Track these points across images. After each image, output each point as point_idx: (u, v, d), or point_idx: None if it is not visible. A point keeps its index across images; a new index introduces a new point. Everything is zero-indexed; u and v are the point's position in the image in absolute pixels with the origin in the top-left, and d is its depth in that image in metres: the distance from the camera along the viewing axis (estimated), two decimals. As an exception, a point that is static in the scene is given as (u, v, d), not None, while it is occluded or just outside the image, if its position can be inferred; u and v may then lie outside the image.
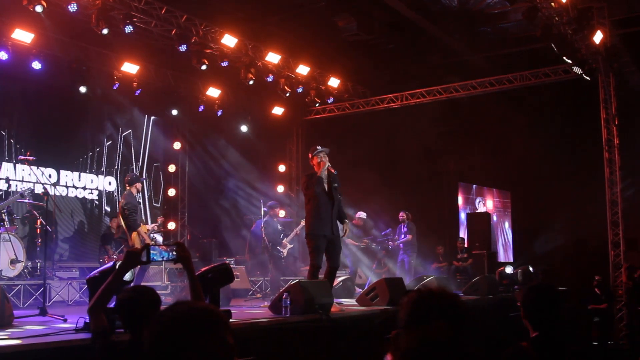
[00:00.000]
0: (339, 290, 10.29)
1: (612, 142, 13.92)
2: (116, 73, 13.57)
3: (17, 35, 11.60)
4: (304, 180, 9.35)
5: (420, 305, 2.17)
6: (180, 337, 1.86)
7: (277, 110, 17.39)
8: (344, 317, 7.88)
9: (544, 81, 15.27)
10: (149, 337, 1.91)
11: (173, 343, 1.86)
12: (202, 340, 1.87)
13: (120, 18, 11.60)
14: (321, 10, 14.20)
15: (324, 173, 9.10)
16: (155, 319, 1.95)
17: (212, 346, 1.87)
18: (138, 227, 10.05)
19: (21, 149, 12.61)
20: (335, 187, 9.16)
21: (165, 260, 3.90)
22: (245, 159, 16.97)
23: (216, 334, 1.90)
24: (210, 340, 1.88)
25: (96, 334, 3.73)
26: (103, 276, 5.38)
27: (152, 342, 1.89)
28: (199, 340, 1.86)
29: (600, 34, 12.58)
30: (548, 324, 3.86)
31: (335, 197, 9.05)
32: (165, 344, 1.88)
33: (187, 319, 1.90)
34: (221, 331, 1.92)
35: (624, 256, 13.66)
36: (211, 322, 1.91)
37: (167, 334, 1.88)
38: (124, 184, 11.10)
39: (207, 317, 1.92)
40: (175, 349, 1.85)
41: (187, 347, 1.85)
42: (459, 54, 16.71)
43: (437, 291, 2.31)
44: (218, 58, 13.53)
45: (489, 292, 11.29)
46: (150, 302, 3.81)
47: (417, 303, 2.18)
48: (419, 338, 1.82)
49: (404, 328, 2.13)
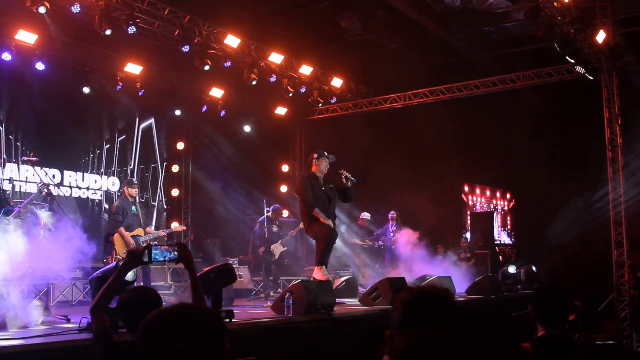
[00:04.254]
0: (341, 290, 10.28)
1: (615, 142, 13.88)
2: (119, 74, 13.60)
3: (21, 36, 11.64)
4: (300, 181, 9.47)
5: (413, 307, 2.18)
6: (170, 340, 1.85)
7: (280, 110, 17.40)
8: (347, 316, 7.88)
9: (547, 81, 15.24)
10: (139, 338, 1.90)
11: (162, 346, 1.85)
12: (195, 344, 1.85)
13: (123, 19, 11.63)
14: (324, 10, 14.21)
15: (321, 177, 9.30)
16: (144, 321, 1.94)
17: (206, 350, 1.86)
18: (117, 230, 10.35)
19: (25, 150, 12.64)
20: (331, 187, 9.39)
21: (167, 260, 3.92)
22: (248, 159, 16.98)
23: (211, 337, 1.89)
24: (204, 343, 1.87)
25: (98, 334, 3.74)
26: (106, 276, 5.39)
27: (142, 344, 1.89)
28: (192, 343, 1.85)
29: (603, 33, 12.55)
30: (558, 322, 3.85)
31: (331, 195, 9.30)
32: (155, 347, 1.86)
33: (179, 322, 1.89)
34: (216, 334, 1.91)
35: (627, 255, 13.63)
36: (205, 325, 1.90)
37: (157, 337, 1.87)
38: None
39: (201, 319, 1.91)
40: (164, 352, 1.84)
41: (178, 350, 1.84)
42: (461, 53, 16.70)
43: (429, 290, 2.32)
44: (221, 58, 13.55)
45: (492, 292, 11.27)
46: (152, 302, 3.82)
47: (409, 304, 2.19)
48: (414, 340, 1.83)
49: (398, 329, 2.14)
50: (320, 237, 9.11)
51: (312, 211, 9.20)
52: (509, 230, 22.55)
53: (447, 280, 10.56)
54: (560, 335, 3.83)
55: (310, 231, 9.43)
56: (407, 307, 2.18)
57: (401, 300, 2.22)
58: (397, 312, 2.20)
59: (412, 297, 2.21)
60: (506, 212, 22.70)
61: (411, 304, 2.19)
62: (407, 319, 2.15)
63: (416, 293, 2.24)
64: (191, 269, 3.90)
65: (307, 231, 9.54)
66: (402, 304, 2.21)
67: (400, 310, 2.19)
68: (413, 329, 1.99)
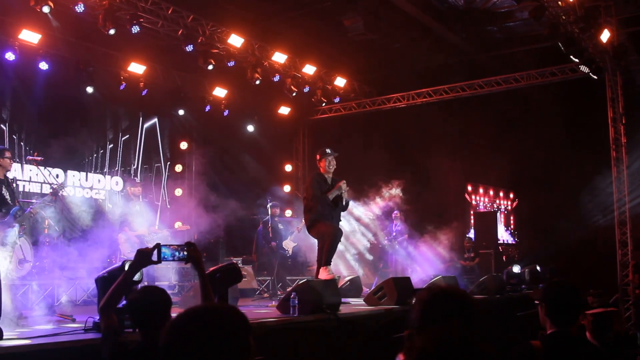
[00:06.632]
0: (346, 290, 10.26)
1: (620, 141, 13.85)
2: (123, 73, 13.59)
3: (25, 35, 11.63)
4: (309, 180, 9.49)
5: (432, 305, 2.16)
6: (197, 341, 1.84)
7: (284, 110, 17.39)
8: (352, 316, 7.87)
9: (551, 80, 15.22)
10: (165, 340, 1.89)
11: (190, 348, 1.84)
12: (223, 344, 1.85)
13: (127, 18, 11.62)
14: (328, 10, 14.18)
15: (329, 177, 9.23)
16: (170, 323, 1.93)
17: (233, 349, 1.86)
18: (122, 229, 10.64)
19: (29, 150, 12.63)
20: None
21: (176, 260, 3.89)
22: (251, 158, 16.96)
23: (237, 337, 1.88)
24: (231, 343, 1.86)
25: (107, 334, 3.73)
26: (111, 276, 5.38)
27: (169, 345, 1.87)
28: (219, 343, 1.84)
29: (607, 33, 12.52)
30: (570, 320, 3.82)
31: (337, 202, 9.24)
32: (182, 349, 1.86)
33: (206, 322, 1.88)
34: (242, 334, 1.90)
35: (631, 255, 13.60)
36: (232, 325, 1.90)
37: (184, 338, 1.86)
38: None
39: (228, 319, 1.90)
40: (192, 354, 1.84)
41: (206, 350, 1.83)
42: (465, 53, 16.67)
43: (448, 290, 2.30)
44: (224, 58, 13.54)
45: (497, 292, 11.25)
46: (161, 302, 3.80)
47: (429, 303, 2.17)
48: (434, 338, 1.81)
49: (417, 328, 2.12)
50: (326, 237, 9.08)
51: (314, 209, 9.19)
52: (512, 229, 22.52)
53: (452, 280, 10.53)
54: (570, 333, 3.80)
55: (314, 231, 9.40)
56: (426, 306, 2.17)
57: (420, 300, 2.20)
58: (416, 311, 2.18)
59: (432, 296, 2.19)
60: (509, 212, 22.67)
61: (431, 303, 2.17)
62: (427, 318, 2.13)
63: (435, 292, 2.22)
64: (201, 269, 3.88)
65: (310, 230, 9.49)
66: (421, 303, 2.19)
67: (419, 310, 2.17)
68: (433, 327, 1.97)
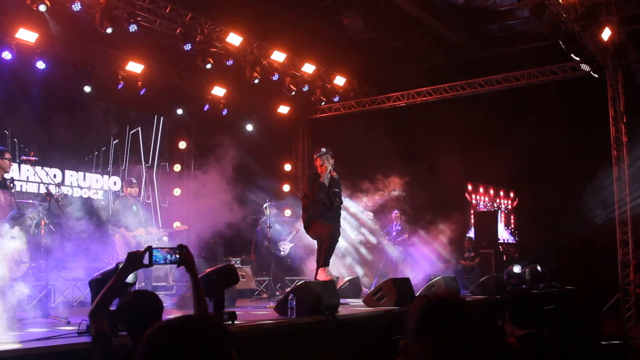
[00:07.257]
0: (345, 290, 10.18)
1: (621, 140, 13.81)
2: (121, 72, 13.53)
3: (21, 34, 11.57)
4: (307, 180, 9.41)
5: (429, 314, 2.07)
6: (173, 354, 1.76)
7: (283, 109, 17.33)
8: (351, 318, 7.79)
9: (552, 79, 15.17)
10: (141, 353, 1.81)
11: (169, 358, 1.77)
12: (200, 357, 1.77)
13: (125, 17, 11.55)
14: (327, 9, 14.12)
15: (327, 177, 9.13)
16: (146, 335, 1.84)
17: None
18: (118, 229, 10.55)
19: (25, 149, 12.55)
20: (336, 192, 9.20)
21: (168, 263, 3.81)
22: (250, 158, 16.87)
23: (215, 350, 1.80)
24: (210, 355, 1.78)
25: (96, 339, 3.65)
26: (105, 278, 5.30)
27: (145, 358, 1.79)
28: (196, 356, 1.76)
29: (608, 31, 12.46)
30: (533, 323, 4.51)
31: (334, 202, 9.13)
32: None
33: (182, 335, 1.80)
34: (221, 346, 1.82)
35: (632, 255, 13.54)
36: (209, 338, 1.81)
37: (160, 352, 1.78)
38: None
39: (205, 331, 1.82)
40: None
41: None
42: (465, 51, 16.60)
43: (446, 297, 2.21)
44: (223, 57, 13.47)
45: (497, 292, 11.18)
46: (152, 306, 3.73)
47: (425, 312, 2.08)
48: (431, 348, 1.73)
49: (414, 338, 2.03)
50: (324, 237, 9.00)
51: (310, 209, 9.12)
52: (513, 229, 22.45)
53: (451, 280, 10.45)
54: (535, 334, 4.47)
55: (312, 231, 9.31)
56: (423, 314, 2.07)
57: (417, 308, 2.10)
58: (413, 320, 2.08)
59: (429, 304, 2.10)
60: (510, 211, 22.60)
61: (428, 311, 2.08)
62: (423, 326, 2.03)
63: (433, 300, 2.12)
64: (193, 271, 3.80)
65: (307, 230, 9.40)
66: (418, 311, 2.09)
67: (416, 319, 2.07)
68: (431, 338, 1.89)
